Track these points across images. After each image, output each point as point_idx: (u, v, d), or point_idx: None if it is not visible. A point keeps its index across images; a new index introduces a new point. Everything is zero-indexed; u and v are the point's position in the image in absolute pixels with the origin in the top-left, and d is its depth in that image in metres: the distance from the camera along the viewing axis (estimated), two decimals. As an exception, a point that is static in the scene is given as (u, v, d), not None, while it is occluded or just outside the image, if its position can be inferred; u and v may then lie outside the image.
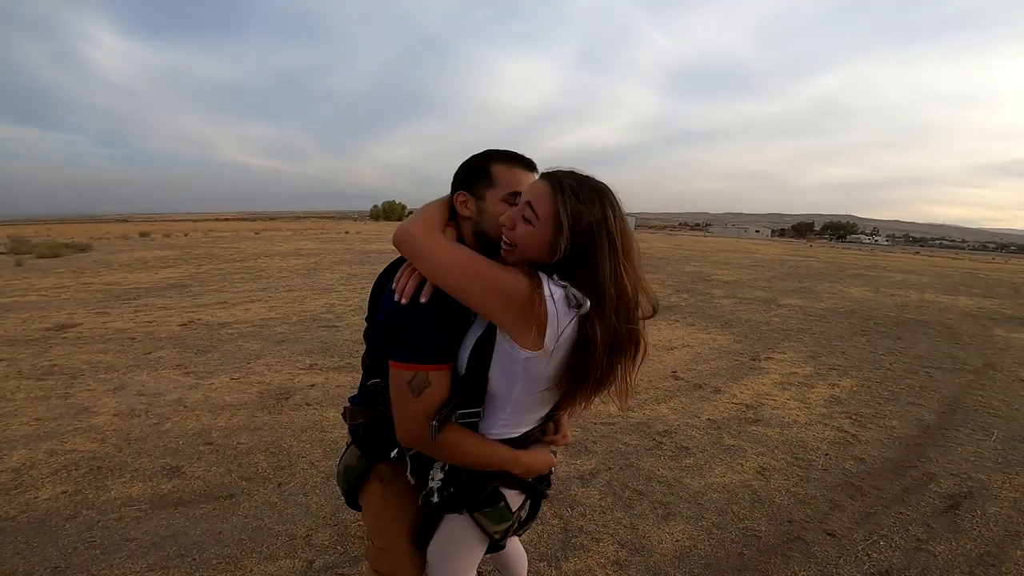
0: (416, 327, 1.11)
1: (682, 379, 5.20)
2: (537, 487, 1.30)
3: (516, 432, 1.21)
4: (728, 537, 2.62)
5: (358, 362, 5.44)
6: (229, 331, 6.42)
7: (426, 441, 1.13)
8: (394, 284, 1.16)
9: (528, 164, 1.22)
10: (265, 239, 25.70)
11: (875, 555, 2.52)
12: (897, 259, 35.05)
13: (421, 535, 1.32)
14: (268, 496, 2.82)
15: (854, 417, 4.38)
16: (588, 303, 1.01)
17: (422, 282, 1.12)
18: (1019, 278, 21.91)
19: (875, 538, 2.66)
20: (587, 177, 1.09)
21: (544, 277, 1.05)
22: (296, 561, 2.31)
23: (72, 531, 2.47)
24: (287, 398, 4.25)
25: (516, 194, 1.18)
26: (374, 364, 1.25)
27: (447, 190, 1.28)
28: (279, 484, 2.94)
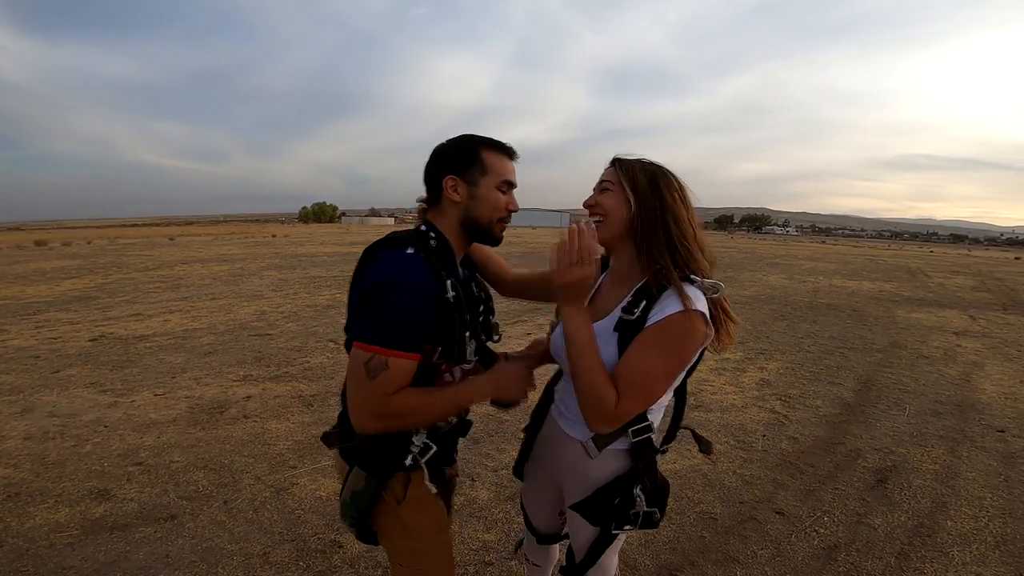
0: (397, 307, 1.01)
1: (625, 370, 5.33)
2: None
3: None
4: (687, 521, 2.71)
5: (297, 371, 5.13)
6: (147, 344, 5.96)
7: (379, 420, 1.07)
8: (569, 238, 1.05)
9: (512, 153, 1.19)
10: (182, 245, 24.06)
11: (822, 530, 2.68)
12: (807, 248, 37.64)
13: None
14: (214, 515, 2.63)
15: (783, 399, 4.65)
16: (721, 286, 1.15)
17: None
18: (913, 263, 24.11)
19: (819, 514, 2.82)
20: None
21: (686, 294, 1.11)
22: (255, 582, 2.17)
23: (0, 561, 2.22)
24: (221, 412, 3.99)
25: (510, 183, 1.16)
26: None
27: (382, 189, 1.21)
28: (225, 502, 2.75)
